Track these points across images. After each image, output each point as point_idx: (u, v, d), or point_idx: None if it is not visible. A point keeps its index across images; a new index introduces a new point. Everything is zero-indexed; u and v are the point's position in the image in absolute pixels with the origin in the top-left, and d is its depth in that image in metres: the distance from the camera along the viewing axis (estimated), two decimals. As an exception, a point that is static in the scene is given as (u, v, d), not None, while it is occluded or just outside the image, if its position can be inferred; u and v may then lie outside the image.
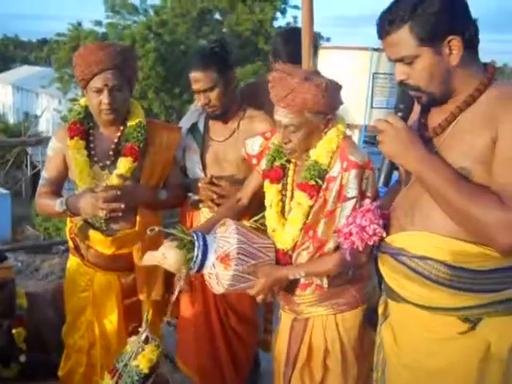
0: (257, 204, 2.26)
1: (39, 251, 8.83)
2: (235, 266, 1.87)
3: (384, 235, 1.59)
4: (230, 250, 1.89)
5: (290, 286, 2.04)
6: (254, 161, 2.14)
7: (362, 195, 1.83)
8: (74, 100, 18.26)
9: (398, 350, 1.63)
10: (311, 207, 1.92)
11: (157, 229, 2.00)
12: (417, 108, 1.58)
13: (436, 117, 1.53)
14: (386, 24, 1.44)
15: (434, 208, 1.47)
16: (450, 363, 1.52)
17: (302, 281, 2.02)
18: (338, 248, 1.89)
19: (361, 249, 1.59)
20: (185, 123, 2.59)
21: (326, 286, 1.99)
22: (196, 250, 1.89)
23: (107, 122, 2.31)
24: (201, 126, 2.55)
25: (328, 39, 21.74)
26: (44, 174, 2.42)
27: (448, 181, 1.40)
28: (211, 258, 1.90)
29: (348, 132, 1.99)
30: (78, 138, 2.30)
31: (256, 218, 2.10)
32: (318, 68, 2.68)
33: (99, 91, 2.20)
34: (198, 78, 2.35)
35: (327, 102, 1.84)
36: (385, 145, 1.50)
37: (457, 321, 1.50)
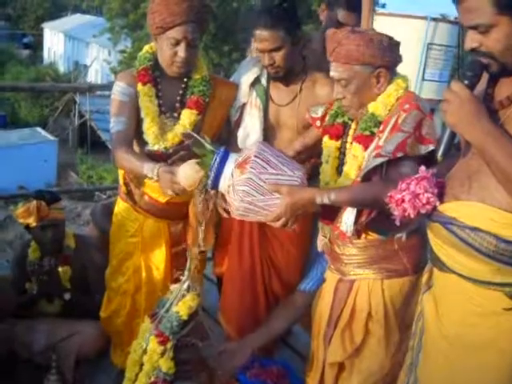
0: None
1: (81, 198, 9.10)
2: (251, 169, 1.76)
3: (437, 204, 1.55)
4: (248, 154, 1.82)
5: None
6: (318, 123, 2.15)
7: (418, 138, 1.77)
8: (123, 52, 18.33)
9: (438, 319, 1.62)
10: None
11: (189, 132, 2.05)
12: (485, 77, 1.50)
13: (504, 88, 1.46)
14: None
15: (493, 181, 1.42)
16: (492, 338, 1.49)
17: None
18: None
19: (412, 216, 1.55)
20: (246, 76, 2.47)
21: (349, 234, 1.94)
22: (215, 155, 1.81)
23: (175, 74, 2.27)
24: (264, 81, 2.44)
25: (383, 5, 21.12)
26: (119, 121, 2.24)
27: (510, 156, 1.34)
28: (230, 165, 1.80)
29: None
30: (150, 85, 2.26)
31: None
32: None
33: (177, 43, 2.16)
34: (264, 36, 2.23)
35: (373, 53, 1.83)
36: (448, 114, 1.43)
37: (502, 296, 1.46)
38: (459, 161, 1.59)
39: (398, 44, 1.90)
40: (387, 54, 1.86)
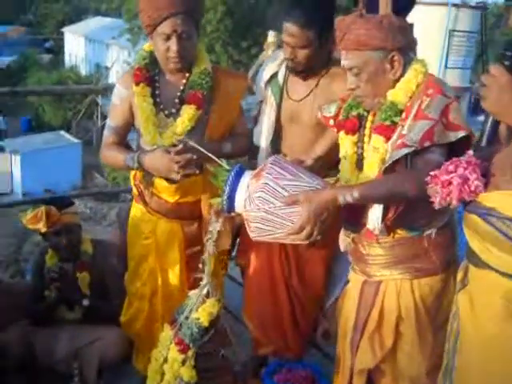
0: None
1: (107, 199, 9.16)
2: (267, 174, 1.68)
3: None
4: (264, 163, 1.75)
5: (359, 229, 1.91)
6: (331, 122, 2.04)
7: (446, 125, 1.66)
8: (142, 52, 18.44)
9: (474, 319, 1.52)
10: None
11: (191, 142, 2.04)
12: None
13: None
14: None
15: None
16: None
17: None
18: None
19: (454, 202, 1.42)
20: (263, 74, 2.43)
21: (377, 232, 1.82)
22: (230, 171, 1.76)
23: (174, 70, 2.23)
24: (280, 77, 2.38)
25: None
26: (110, 123, 2.35)
27: None
28: (245, 180, 1.73)
29: None
30: (143, 85, 2.23)
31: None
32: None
33: (167, 37, 2.11)
34: (293, 32, 2.13)
35: (384, 36, 1.70)
36: (487, 101, 1.33)
37: None
38: (503, 149, 1.47)
39: (410, 26, 1.77)
40: (399, 36, 1.73)
